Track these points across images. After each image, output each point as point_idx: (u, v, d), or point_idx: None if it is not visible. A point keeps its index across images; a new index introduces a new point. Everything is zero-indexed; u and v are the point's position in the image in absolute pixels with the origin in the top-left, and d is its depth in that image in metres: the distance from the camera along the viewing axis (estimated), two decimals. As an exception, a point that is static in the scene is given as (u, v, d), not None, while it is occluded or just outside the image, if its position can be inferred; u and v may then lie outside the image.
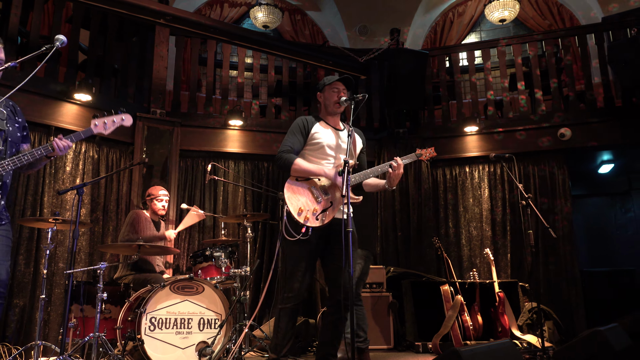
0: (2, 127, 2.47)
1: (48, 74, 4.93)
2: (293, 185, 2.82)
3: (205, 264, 4.07)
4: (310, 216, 2.73)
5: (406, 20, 8.46)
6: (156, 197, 4.45)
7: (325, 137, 2.94)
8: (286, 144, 2.90)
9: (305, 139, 2.92)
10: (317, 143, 2.91)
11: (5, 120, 2.50)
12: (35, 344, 3.35)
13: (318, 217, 2.75)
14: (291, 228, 2.71)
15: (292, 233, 2.70)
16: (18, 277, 4.48)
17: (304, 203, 2.76)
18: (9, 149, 2.48)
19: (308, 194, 2.81)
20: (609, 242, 7.60)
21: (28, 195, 4.63)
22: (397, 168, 2.87)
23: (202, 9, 8.44)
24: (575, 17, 8.02)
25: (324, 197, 2.82)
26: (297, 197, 2.77)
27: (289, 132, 2.96)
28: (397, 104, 6.15)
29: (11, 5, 4.85)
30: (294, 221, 2.70)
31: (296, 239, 2.68)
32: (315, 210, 2.76)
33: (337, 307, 2.76)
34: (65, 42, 2.45)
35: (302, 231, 2.68)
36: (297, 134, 2.92)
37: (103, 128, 2.67)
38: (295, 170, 2.82)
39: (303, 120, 2.99)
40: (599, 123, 5.69)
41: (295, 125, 2.96)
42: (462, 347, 3.67)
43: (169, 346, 3.53)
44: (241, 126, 5.89)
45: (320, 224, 2.74)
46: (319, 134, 2.93)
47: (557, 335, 5.01)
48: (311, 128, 2.94)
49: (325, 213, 2.78)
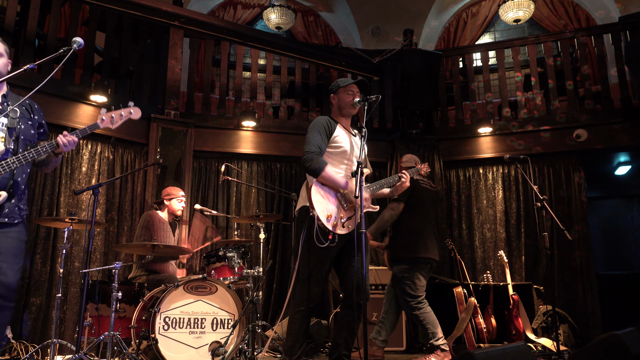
0: (12, 125, 2.45)
1: (65, 75, 5.00)
2: (321, 188, 2.76)
3: (218, 264, 4.09)
4: (338, 223, 2.70)
5: (419, 20, 8.43)
6: (176, 197, 4.47)
7: (344, 141, 2.91)
8: (314, 144, 2.81)
9: (328, 140, 2.87)
10: (339, 147, 2.87)
11: (18, 118, 2.49)
12: (52, 342, 3.39)
13: (344, 225, 2.73)
14: (320, 234, 2.66)
15: (321, 239, 2.65)
16: (35, 276, 4.55)
17: (332, 210, 2.73)
18: (21, 146, 2.46)
19: (335, 200, 2.78)
20: (626, 244, 7.48)
21: (45, 195, 4.70)
22: (406, 181, 3.04)
23: (215, 10, 8.50)
24: (592, 17, 7.92)
25: (348, 205, 2.80)
26: (326, 203, 2.73)
27: (313, 130, 2.87)
28: (410, 105, 6.13)
29: (29, 8, 4.93)
30: (321, 227, 2.66)
31: (325, 245, 2.65)
32: (342, 217, 2.74)
33: (352, 307, 2.75)
34: (83, 44, 2.46)
35: (329, 237, 2.65)
36: (322, 134, 2.85)
37: (110, 122, 2.59)
38: (324, 178, 2.76)
39: (327, 120, 2.93)
40: (615, 124, 5.61)
41: (319, 125, 2.89)
42: (476, 349, 3.65)
43: (182, 345, 3.55)
44: (254, 127, 5.91)
45: (346, 231, 2.73)
46: (340, 137, 2.90)
47: (573, 339, 4.94)
48: (334, 130, 2.90)
49: (351, 221, 2.77)
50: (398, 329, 4.76)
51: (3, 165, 2.33)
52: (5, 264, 2.33)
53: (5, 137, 2.43)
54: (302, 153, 2.81)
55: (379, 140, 6.21)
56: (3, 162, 2.34)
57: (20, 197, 2.47)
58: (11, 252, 2.37)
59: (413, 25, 7.72)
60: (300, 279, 2.76)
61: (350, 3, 8.51)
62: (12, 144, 2.44)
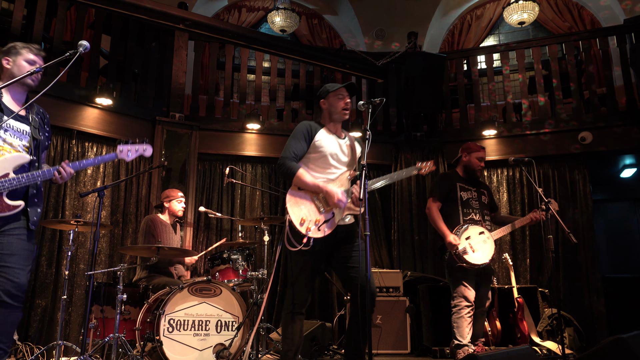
0: (36, 136, 2.56)
1: (70, 78, 5.04)
2: (295, 194, 2.77)
3: (222, 266, 4.10)
4: (312, 227, 2.69)
5: (423, 23, 8.42)
6: (175, 198, 4.49)
7: (328, 145, 2.87)
8: (290, 150, 2.82)
9: (308, 145, 2.86)
10: (320, 152, 2.85)
11: (38, 128, 2.59)
12: (57, 343, 3.41)
13: (320, 228, 2.71)
14: (293, 238, 2.68)
15: (293, 243, 2.67)
16: (40, 278, 4.57)
17: (306, 213, 2.72)
18: (40, 157, 2.59)
19: (310, 204, 2.76)
20: (632, 247, 7.43)
21: (50, 197, 4.73)
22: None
23: (220, 13, 8.53)
24: (596, 19, 7.90)
25: (326, 208, 2.78)
26: (299, 207, 2.73)
27: (292, 137, 2.88)
28: (414, 108, 6.13)
29: (35, 12, 4.97)
30: (296, 231, 2.67)
31: (297, 249, 2.65)
32: (317, 220, 2.72)
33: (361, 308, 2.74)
34: (89, 47, 2.50)
35: (303, 241, 2.64)
36: (300, 140, 2.85)
37: (126, 155, 2.86)
38: (297, 182, 2.77)
39: (307, 125, 2.91)
40: (620, 126, 5.59)
41: (299, 131, 2.88)
42: (480, 352, 3.63)
43: (186, 348, 3.56)
44: (258, 130, 5.93)
45: (322, 234, 2.71)
46: (322, 141, 2.86)
47: (578, 342, 4.91)
48: (315, 134, 2.87)
49: (327, 224, 2.74)
50: (403, 332, 4.75)
51: (29, 176, 2.43)
52: (18, 265, 2.41)
53: (30, 147, 2.53)
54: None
55: (383, 143, 6.21)
56: (29, 174, 2.44)
57: (41, 205, 2.60)
58: (23, 255, 2.45)
59: (417, 27, 7.72)
60: (287, 283, 2.77)
61: (355, 6, 8.52)
62: (34, 154, 2.54)
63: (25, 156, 2.48)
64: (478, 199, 3.89)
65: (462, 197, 3.85)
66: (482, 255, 3.69)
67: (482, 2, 8.65)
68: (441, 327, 4.74)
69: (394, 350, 4.66)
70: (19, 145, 2.49)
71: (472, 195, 3.88)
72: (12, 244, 2.42)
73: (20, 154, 2.48)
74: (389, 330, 4.70)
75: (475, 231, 3.74)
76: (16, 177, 2.41)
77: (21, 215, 2.47)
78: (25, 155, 2.49)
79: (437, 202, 3.85)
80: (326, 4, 8.77)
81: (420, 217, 5.89)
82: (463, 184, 3.91)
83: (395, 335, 4.72)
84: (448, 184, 3.89)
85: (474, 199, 3.87)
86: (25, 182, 2.43)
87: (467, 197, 3.86)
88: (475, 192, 3.91)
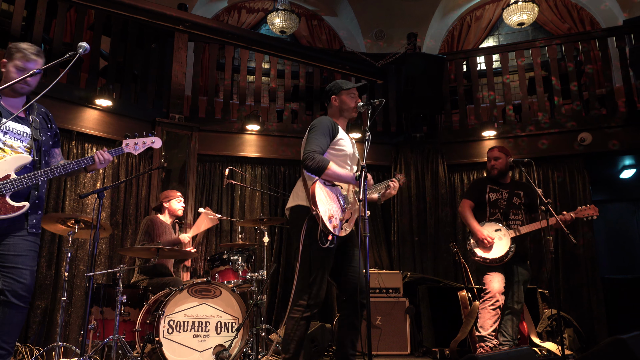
0: (37, 137, 2.56)
1: (70, 80, 5.04)
2: (325, 188, 2.69)
3: (222, 267, 4.10)
4: (338, 224, 2.65)
5: (423, 24, 8.44)
6: (175, 198, 4.50)
7: (347, 145, 2.88)
8: (317, 144, 2.74)
9: (331, 142, 2.82)
10: (342, 150, 2.84)
11: (39, 129, 2.59)
12: (57, 345, 3.40)
13: (343, 227, 2.68)
14: (319, 234, 2.60)
15: (323, 240, 2.59)
16: (40, 279, 4.56)
17: (334, 210, 2.66)
18: (42, 158, 2.58)
19: (337, 201, 2.73)
20: (631, 248, 7.44)
21: (50, 198, 4.72)
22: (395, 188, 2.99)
23: (220, 15, 8.54)
24: (596, 20, 7.91)
25: (347, 207, 2.77)
26: (329, 203, 2.66)
27: (317, 131, 2.79)
28: (414, 109, 6.13)
29: (35, 13, 4.98)
30: (323, 227, 2.59)
31: (326, 246, 2.59)
32: (342, 219, 2.69)
33: (354, 307, 2.74)
34: (88, 49, 2.51)
35: (329, 238, 2.59)
36: (326, 135, 2.79)
37: (133, 148, 2.79)
38: (328, 175, 2.69)
39: (330, 121, 2.87)
40: (620, 127, 5.59)
41: (324, 126, 2.82)
42: (480, 353, 3.63)
43: (186, 349, 3.55)
44: (258, 131, 5.93)
45: (344, 233, 2.69)
46: (343, 140, 2.86)
47: (578, 343, 4.91)
48: (337, 132, 2.85)
49: (349, 223, 2.73)
50: (402, 333, 4.75)
51: (31, 177, 2.44)
52: (24, 266, 2.45)
53: (31, 148, 2.54)
54: (303, 152, 2.76)
55: (382, 144, 6.21)
56: (31, 174, 2.44)
57: (42, 208, 2.61)
58: (30, 256, 2.49)
59: (417, 29, 7.73)
60: (303, 280, 2.70)
61: (354, 7, 8.53)
62: (37, 155, 2.54)
63: (26, 157, 2.48)
64: (508, 199, 4.04)
65: (491, 197, 4.04)
66: (494, 250, 3.85)
67: (481, 3, 8.66)
68: (441, 327, 4.75)
69: (393, 351, 4.66)
70: (20, 147, 2.50)
71: (501, 196, 4.05)
72: (17, 245, 2.44)
73: (21, 155, 2.48)
74: (389, 331, 4.70)
75: (491, 228, 3.92)
76: (18, 178, 2.41)
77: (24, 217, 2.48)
78: (26, 156, 2.49)
79: (468, 201, 4.07)
80: (326, 5, 8.78)
81: (419, 218, 5.90)
82: (493, 185, 4.09)
83: (395, 336, 4.72)
84: (479, 186, 4.13)
85: (502, 200, 4.04)
86: (27, 183, 2.42)
87: (495, 198, 4.03)
88: (506, 193, 4.06)
